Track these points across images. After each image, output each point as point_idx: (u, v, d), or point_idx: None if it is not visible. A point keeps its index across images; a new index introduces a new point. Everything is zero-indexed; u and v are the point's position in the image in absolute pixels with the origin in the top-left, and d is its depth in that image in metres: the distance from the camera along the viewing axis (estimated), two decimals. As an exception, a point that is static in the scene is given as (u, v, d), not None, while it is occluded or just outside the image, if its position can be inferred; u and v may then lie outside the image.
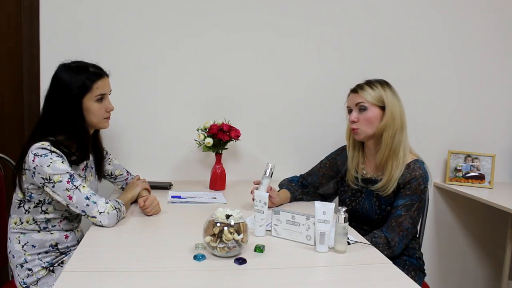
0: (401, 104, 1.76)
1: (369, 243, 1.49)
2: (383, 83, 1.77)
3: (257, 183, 1.77)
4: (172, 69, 2.27)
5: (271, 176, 1.73)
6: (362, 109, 1.75)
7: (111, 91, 1.70)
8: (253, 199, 1.69)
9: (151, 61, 2.25)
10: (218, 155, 2.16)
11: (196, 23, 2.26)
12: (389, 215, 1.72)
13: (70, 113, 1.58)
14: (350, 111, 1.81)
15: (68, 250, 1.68)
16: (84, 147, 1.63)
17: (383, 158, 1.74)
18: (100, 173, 1.84)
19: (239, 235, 1.27)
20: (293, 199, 1.95)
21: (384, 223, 1.72)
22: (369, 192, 1.80)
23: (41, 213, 1.61)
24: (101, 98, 1.63)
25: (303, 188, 1.98)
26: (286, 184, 1.99)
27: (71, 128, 1.60)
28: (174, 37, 2.25)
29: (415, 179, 1.69)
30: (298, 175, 2.03)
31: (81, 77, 1.58)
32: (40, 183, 1.52)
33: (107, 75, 1.67)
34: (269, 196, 1.64)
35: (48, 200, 1.60)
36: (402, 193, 1.71)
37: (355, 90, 1.79)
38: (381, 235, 1.67)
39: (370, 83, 1.77)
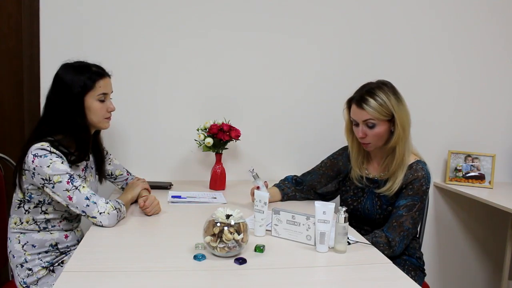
0: (404, 104, 1.71)
1: (369, 243, 1.49)
2: (384, 89, 1.69)
3: (257, 188, 1.78)
4: (172, 69, 2.27)
5: (259, 176, 1.79)
6: (370, 126, 1.69)
7: (112, 91, 1.70)
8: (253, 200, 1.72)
9: (151, 61, 2.24)
10: (218, 155, 2.16)
11: (196, 23, 2.26)
12: (390, 215, 1.72)
13: (72, 111, 1.58)
14: (356, 124, 1.74)
15: (68, 250, 1.68)
16: (84, 146, 1.63)
17: (396, 167, 1.71)
18: (101, 174, 1.84)
19: (239, 235, 1.27)
20: (285, 196, 1.94)
21: (386, 223, 1.72)
22: (371, 192, 1.80)
23: (41, 213, 1.61)
24: (103, 97, 1.64)
25: (297, 186, 1.97)
26: (279, 182, 1.99)
27: (71, 127, 1.59)
28: (174, 37, 2.25)
29: (417, 180, 1.69)
30: (297, 175, 2.03)
31: (83, 76, 1.59)
32: (40, 184, 1.52)
33: (109, 76, 1.67)
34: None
35: (48, 200, 1.60)
36: (404, 193, 1.70)
37: (359, 104, 1.68)
38: (382, 234, 1.67)
39: (372, 94, 1.67)
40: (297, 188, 1.97)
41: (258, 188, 1.76)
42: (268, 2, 2.30)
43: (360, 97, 1.70)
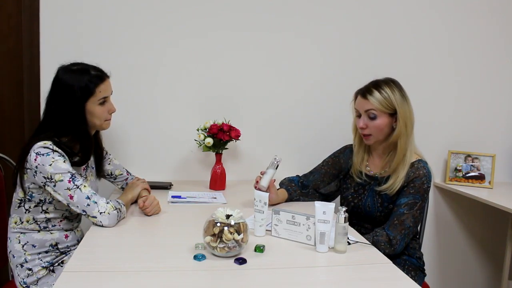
0: (409, 103, 1.73)
1: (369, 243, 1.49)
2: (391, 85, 1.72)
3: (263, 173, 1.80)
4: (172, 69, 2.27)
5: (276, 169, 1.80)
6: (371, 117, 1.72)
7: (112, 92, 1.70)
8: (255, 186, 1.77)
9: (151, 61, 2.24)
10: (218, 155, 2.16)
11: (196, 23, 2.26)
12: (391, 213, 1.73)
13: (73, 117, 1.58)
14: (358, 115, 1.77)
15: (68, 250, 1.68)
16: (86, 150, 1.64)
17: (397, 164, 1.72)
18: (99, 172, 1.84)
19: (239, 235, 1.27)
20: (290, 200, 1.95)
21: (386, 221, 1.72)
22: (371, 189, 1.81)
23: (41, 212, 1.61)
24: (104, 101, 1.63)
25: (303, 189, 1.97)
26: (286, 183, 1.99)
27: (74, 131, 1.60)
28: (174, 37, 2.25)
29: (418, 178, 1.70)
30: (301, 175, 2.03)
31: (83, 81, 1.58)
32: (42, 182, 1.52)
33: (108, 77, 1.67)
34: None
35: (48, 199, 1.60)
36: (405, 191, 1.71)
37: (364, 94, 1.73)
38: (383, 233, 1.68)
39: (378, 87, 1.72)
40: (302, 192, 1.97)
41: (263, 174, 1.79)
42: (268, 2, 2.29)
43: (366, 88, 1.75)
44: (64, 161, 1.52)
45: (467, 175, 2.47)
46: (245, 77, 2.33)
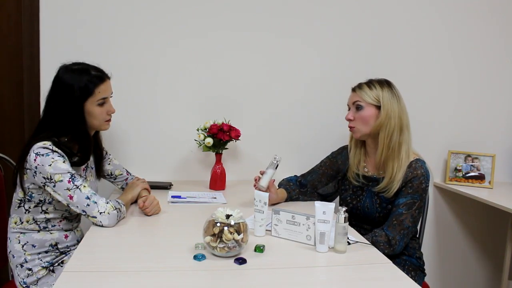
0: (401, 104, 1.75)
1: (369, 243, 1.50)
2: (383, 83, 1.77)
3: (262, 173, 1.80)
4: (172, 69, 2.27)
5: (276, 168, 1.80)
6: (358, 108, 1.76)
7: (112, 93, 1.70)
8: (254, 186, 1.78)
9: (151, 61, 2.24)
10: (218, 155, 2.16)
11: (196, 23, 2.26)
12: (390, 213, 1.73)
13: (72, 117, 1.58)
14: (349, 109, 1.83)
15: (68, 250, 1.68)
16: (86, 150, 1.64)
17: (381, 158, 1.74)
18: (99, 172, 1.84)
19: (239, 235, 1.27)
20: (289, 199, 1.95)
21: (385, 221, 1.73)
22: (370, 190, 1.81)
23: (41, 212, 1.61)
24: (103, 102, 1.63)
25: (301, 188, 1.98)
26: (284, 183, 2.00)
27: (73, 131, 1.60)
28: (174, 37, 2.25)
29: (416, 178, 1.70)
30: (299, 175, 2.03)
31: (83, 81, 1.58)
32: (41, 183, 1.52)
33: (108, 78, 1.67)
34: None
35: (48, 200, 1.60)
36: (403, 191, 1.71)
37: (354, 89, 1.81)
38: (382, 233, 1.68)
39: (369, 83, 1.79)
40: (301, 191, 1.97)
41: (263, 173, 1.79)
42: (268, 2, 2.29)
43: (358, 84, 1.82)
44: (63, 161, 1.52)
45: (467, 175, 2.47)
46: (245, 77, 2.33)
